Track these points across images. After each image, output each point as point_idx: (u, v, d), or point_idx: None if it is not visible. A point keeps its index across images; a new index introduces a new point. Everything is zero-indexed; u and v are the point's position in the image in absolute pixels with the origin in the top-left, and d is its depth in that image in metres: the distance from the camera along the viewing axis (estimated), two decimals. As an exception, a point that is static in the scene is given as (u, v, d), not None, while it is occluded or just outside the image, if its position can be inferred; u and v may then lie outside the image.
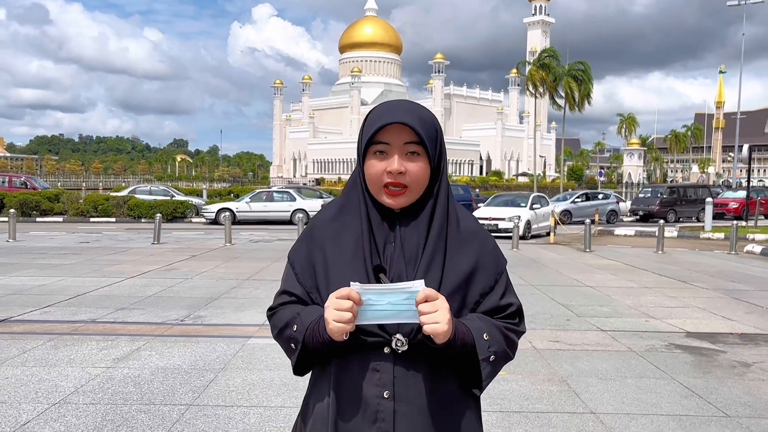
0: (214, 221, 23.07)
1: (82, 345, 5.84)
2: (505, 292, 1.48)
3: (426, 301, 1.28)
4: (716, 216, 26.00)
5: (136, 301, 7.98)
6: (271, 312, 1.52)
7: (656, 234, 15.68)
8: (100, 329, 6.49)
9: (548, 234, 18.84)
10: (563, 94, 45.73)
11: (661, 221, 16.23)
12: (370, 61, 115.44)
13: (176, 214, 24.57)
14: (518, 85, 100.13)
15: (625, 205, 30.41)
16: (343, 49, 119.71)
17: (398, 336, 1.34)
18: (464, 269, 1.43)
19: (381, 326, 1.35)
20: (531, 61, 50.15)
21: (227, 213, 19.82)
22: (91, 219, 24.18)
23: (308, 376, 1.52)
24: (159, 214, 16.58)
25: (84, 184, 57.27)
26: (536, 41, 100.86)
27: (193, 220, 24.96)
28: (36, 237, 16.88)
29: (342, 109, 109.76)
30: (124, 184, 55.33)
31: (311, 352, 1.40)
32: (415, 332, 1.34)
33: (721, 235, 19.13)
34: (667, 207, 27.80)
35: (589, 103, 46.04)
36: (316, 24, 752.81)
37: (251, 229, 21.12)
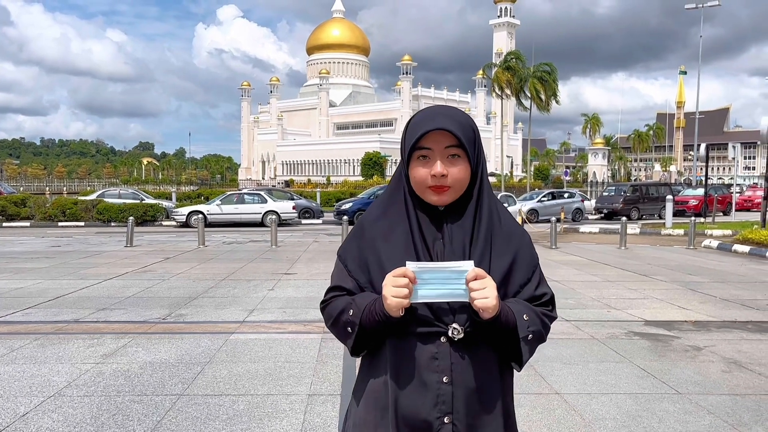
0: (185, 224, 23.07)
1: (69, 343, 6.01)
2: (539, 283, 1.63)
3: (476, 279, 1.43)
4: (677, 213, 26.95)
5: (116, 302, 8.14)
6: (324, 304, 1.63)
7: (619, 231, 16.27)
8: (84, 328, 6.66)
9: (516, 232, 19.31)
10: (529, 95, 46.58)
11: (624, 219, 16.77)
12: (338, 62, 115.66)
13: (146, 217, 24.49)
14: (485, 86, 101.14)
15: (590, 204, 31.10)
16: (310, 50, 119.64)
17: (455, 326, 1.48)
18: (507, 262, 1.58)
19: (438, 317, 1.49)
20: (497, 63, 50.89)
21: (199, 215, 19.84)
22: (60, 223, 23.97)
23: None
24: (132, 218, 16.60)
25: (48, 188, 56.13)
26: (502, 43, 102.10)
27: (164, 223, 24.91)
28: (4, 242, 16.76)
29: (310, 110, 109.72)
30: (89, 188, 54.44)
31: (368, 333, 1.53)
32: (469, 322, 1.49)
33: (681, 231, 19.85)
34: (630, 205, 28.59)
35: (557, 102, 46.95)
36: (282, 26, 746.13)
37: (223, 231, 21.21)
